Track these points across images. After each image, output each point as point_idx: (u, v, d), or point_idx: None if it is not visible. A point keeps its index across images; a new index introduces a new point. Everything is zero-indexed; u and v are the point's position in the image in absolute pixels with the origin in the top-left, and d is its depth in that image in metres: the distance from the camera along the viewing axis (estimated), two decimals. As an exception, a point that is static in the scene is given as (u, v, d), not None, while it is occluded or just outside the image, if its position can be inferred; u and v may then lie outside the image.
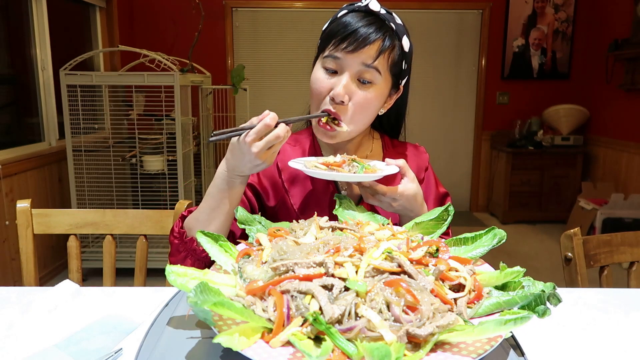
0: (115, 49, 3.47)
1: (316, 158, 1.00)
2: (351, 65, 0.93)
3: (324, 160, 0.95)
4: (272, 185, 1.06)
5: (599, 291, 0.95)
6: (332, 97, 0.94)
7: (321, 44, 1.00)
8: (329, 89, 0.95)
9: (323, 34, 1.00)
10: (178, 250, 0.95)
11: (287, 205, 1.05)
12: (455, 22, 4.59)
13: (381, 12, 0.96)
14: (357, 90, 0.94)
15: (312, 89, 0.98)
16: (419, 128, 4.63)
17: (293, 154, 1.08)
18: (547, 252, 3.76)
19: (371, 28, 0.92)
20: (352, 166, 0.92)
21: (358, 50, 0.92)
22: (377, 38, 0.92)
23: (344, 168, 0.91)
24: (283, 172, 1.06)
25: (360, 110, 0.96)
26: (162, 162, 3.06)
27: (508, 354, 0.60)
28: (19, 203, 1.21)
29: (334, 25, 0.97)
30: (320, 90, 0.96)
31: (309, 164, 0.94)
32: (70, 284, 0.89)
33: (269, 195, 1.06)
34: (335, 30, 0.94)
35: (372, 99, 0.96)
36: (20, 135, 3.09)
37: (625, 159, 3.98)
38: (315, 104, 0.99)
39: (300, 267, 0.62)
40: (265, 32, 4.53)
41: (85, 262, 2.98)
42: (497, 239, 0.77)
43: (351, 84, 0.94)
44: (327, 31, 0.98)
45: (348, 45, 0.92)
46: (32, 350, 0.69)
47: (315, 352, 0.51)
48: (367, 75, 0.94)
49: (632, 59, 3.77)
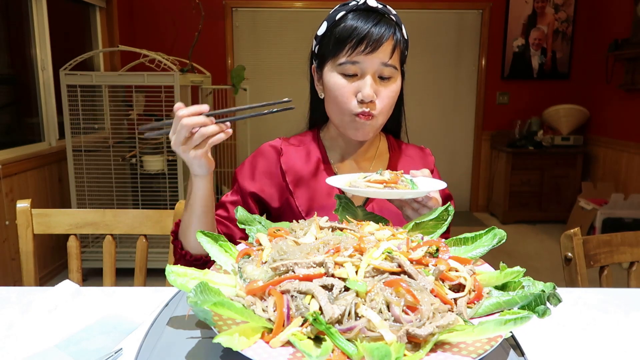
0: (115, 49, 3.48)
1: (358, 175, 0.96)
2: (371, 65, 0.95)
3: (375, 178, 0.91)
4: (276, 188, 1.06)
5: (599, 291, 0.95)
6: (362, 98, 0.95)
7: (327, 50, 0.99)
8: (354, 93, 0.96)
9: (325, 39, 1.00)
10: (175, 252, 0.99)
11: (292, 207, 1.05)
12: (455, 22, 4.58)
13: (379, 7, 0.97)
14: (380, 88, 0.97)
15: (336, 96, 0.98)
16: (419, 128, 4.62)
17: (297, 155, 1.07)
18: (547, 252, 3.76)
19: (382, 26, 0.94)
20: (402, 181, 0.90)
21: (376, 51, 0.93)
22: (390, 35, 0.94)
23: (400, 184, 0.89)
24: (287, 174, 1.05)
25: (388, 103, 0.99)
26: (162, 162, 3.06)
27: (508, 354, 0.60)
28: (19, 203, 1.21)
29: (340, 29, 0.96)
30: (347, 95, 0.97)
31: (358, 182, 0.91)
32: (70, 284, 0.89)
33: (272, 197, 1.06)
34: (346, 35, 0.94)
35: (395, 91, 0.99)
36: (20, 135, 3.09)
37: (625, 159, 3.98)
38: (340, 109, 0.99)
39: (300, 267, 0.62)
40: (265, 32, 4.53)
41: (85, 262, 2.98)
42: (497, 239, 0.77)
43: (375, 84, 0.96)
44: (335, 37, 0.96)
45: (365, 47, 0.93)
46: (32, 350, 0.69)
47: (315, 352, 0.51)
48: (386, 72, 0.96)
49: (632, 59, 3.77)
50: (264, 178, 1.06)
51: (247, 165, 1.08)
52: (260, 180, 1.05)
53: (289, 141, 1.10)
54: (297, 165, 1.06)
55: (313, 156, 1.08)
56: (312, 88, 1.09)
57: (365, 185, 0.89)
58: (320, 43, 1.02)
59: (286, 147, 1.08)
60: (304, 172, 1.06)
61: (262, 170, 1.06)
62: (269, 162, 1.07)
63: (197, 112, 0.80)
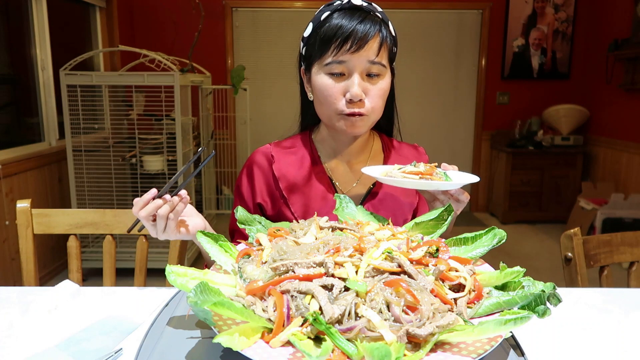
0: (115, 49, 3.47)
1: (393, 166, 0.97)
2: (358, 64, 0.94)
3: (410, 169, 0.92)
4: (269, 196, 1.05)
5: (599, 291, 0.95)
6: (351, 98, 0.94)
7: (313, 51, 0.98)
8: (342, 93, 0.96)
9: (311, 40, 0.99)
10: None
11: (286, 214, 1.04)
12: (455, 22, 4.58)
13: (364, 5, 0.97)
14: (369, 86, 0.96)
15: (324, 97, 0.97)
16: (419, 128, 4.62)
17: (289, 160, 1.06)
18: (547, 252, 3.75)
19: (366, 24, 0.93)
20: (437, 173, 0.91)
21: (362, 49, 0.93)
22: (375, 32, 0.94)
23: (435, 176, 0.90)
24: (281, 181, 1.04)
25: (378, 100, 0.98)
26: (162, 162, 3.06)
27: (508, 354, 0.60)
28: (19, 203, 1.21)
29: (325, 29, 0.95)
30: (335, 95, 0.96)
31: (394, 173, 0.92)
32: (70, 284, 0.89)
33: (267, 205, 1.05)
34: (331, 34, 0.93)
35: (384, 89, 0.99)
36: (20, 135, 3.09)
37: (625, 159, 3.98)
38: (329, 110, 0.98)
39: (300, 267, 0.62)
40: (265, 32, 4.53)
41: (85, 262, 2.98)
42: (497, 239, 0.77)
43: (363, 82, 0.95)
44: (321, 37, 0.96)
45: (351, 45, 0.92)
46: (32, 350, 0.69)
47: (315, 352, 0.51)
48: (374, 69, 0.96)
49: (632, 59, 3.77)
50: (256, 187, 1.05)
51: (244, 179, 1.08)
52: (253, 190, 1.06)
53: (280, 145, 1.09)
54: (290, 171, 1.05)
55: (305, 160, 1.07)
56: (302, 90, 1.08)
57: (402, 176, 0.90)
58: (306, 44, 1.01)
59: (277, 153, 1.07)
60: (297, 178, 1.05)
61: (259, 180, 1.06)
62: (262, 170, 1.06)
63: (147, 200, 0.85)
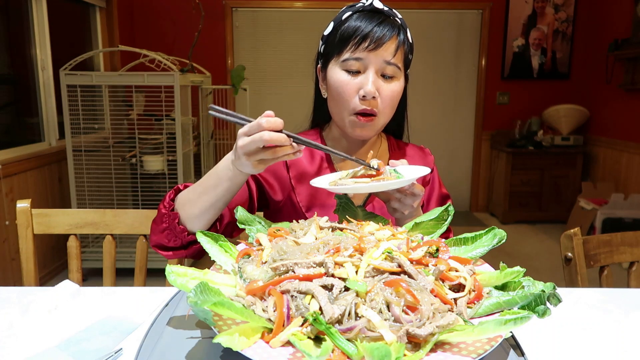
0: (115, 49, 3.47)
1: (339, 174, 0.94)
2: (374, 62, 0.96)
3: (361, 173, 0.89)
4: (278, 181, 1.06)
5: (599, 291, 0.95)
6: (364, 94, 0.96)
7: (332, 48, 1.00)
8: (357, 89, 0.97)
9: (331, 38, 1.01)
10: (162, 220, 0.92)
11: (292, 202, 1.06)
12: (455, 22, 4.58)
13: (385, 10, 0.99)
14: (383, 85, 0.98)
15: (339, 92, 0.98)
16: (419, 128, 4.62)
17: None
18: (547, 252, 3.75)
19: (385, 26, 0.95)
20: (386, 172, 0.88)
21: (379, 48, 0.94)
22: (393, 34, 0.96)
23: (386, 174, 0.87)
24: (291, 169, 1.06)
25: (389, 102, 0.99)
26: (162, 162, 3.06)
27: (508, 354, 0.60)
28: (19, 203, 1.21)
29: (345, 28, 0.97)
30: (350, 92, 0.97)
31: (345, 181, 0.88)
32: (70, 284, 0.89)
33: (275, 190, 1.07)
34: (351, 33, 0.96)
35: (397, 91, 1.00)
36: (20, 135, 3.09)
37: (625, 159, 3.98)
38: (343, 106, 0.99)
39: (300, 267, 0.62)
40: (265, 32, 4.53)
41: (85, 262, 2.98)
42: (497, 239, 0.77)
43: (377, 80, 0.97)
44: (340, 35, 0.98)
45: (369, 44, 0.94)
46: (32, 350, 0.69)
47: (315, 352, 0.51)
48: (389, 71, 0.97)
49: (632, 59, 3.77)
50: (269, 169, 1.05)
51: None
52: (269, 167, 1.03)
53: None
54: (302, 162, 1.07)
55: (317, 155, 1.09)
56: (317, 88, 1.10)
57: (353, 181, 0.87)
58: (326, 42, 1.04)
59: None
60: (307, 169, 1.07)
61: None
62: None
63: (279, 127, 0.76)
